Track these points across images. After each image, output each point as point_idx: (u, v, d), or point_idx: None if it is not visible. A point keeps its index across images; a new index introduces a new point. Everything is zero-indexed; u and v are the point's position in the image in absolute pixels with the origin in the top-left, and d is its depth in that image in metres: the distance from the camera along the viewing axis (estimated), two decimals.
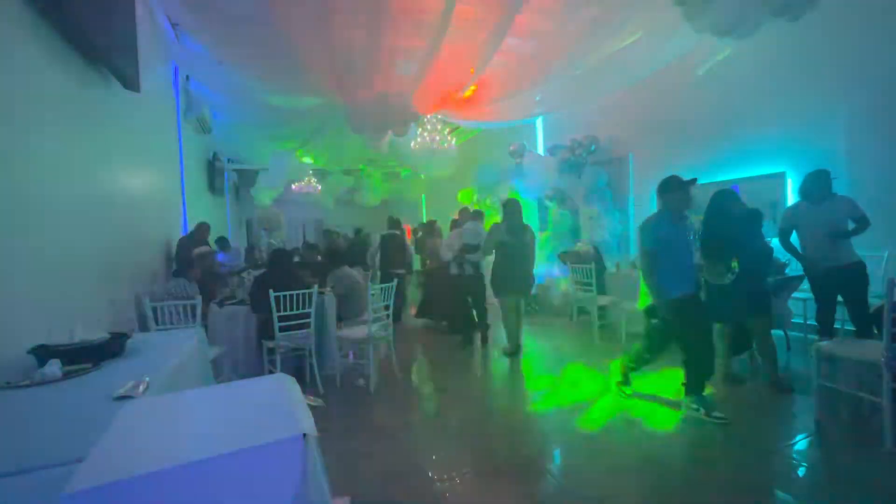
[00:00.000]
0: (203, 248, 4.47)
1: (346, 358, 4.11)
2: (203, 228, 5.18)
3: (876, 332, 2.95)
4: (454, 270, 5.10)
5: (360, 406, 3.37)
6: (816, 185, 3.39)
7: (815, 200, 3.39)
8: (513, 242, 4.46)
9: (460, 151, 8.18)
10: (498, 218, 5.12)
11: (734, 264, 3.18)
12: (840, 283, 3.33)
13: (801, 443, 2.50)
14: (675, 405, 3.02)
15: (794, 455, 2.39)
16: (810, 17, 4.40)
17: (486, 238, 4.72)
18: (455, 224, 6.04)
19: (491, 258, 4.72)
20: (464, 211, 6.04)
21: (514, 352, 4.56)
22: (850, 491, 2.07)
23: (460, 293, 5.19)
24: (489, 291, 4.84)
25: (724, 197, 3.39)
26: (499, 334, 5.31)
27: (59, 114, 2.45)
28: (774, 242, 3.66)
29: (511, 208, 4.50)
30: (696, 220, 3.75)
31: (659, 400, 3.19)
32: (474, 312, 5.20)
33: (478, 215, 5.48)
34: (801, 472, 2.27)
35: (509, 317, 4.58)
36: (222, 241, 6.75)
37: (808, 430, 2.62)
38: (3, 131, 1.91)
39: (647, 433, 2.83)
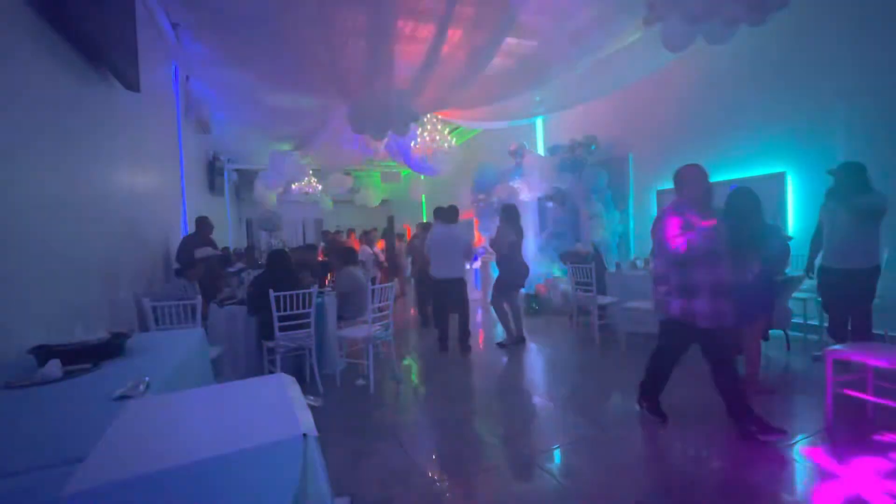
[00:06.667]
0: (205, 250, 4.46)
1: (346, 358, 4.11)
2: (203, 224, 5.03)
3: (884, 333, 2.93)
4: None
5: (360, 406, 3.38)
6: (840, 180, 3.30)
7: (843, 196, 3.32)
8: (518, 242, 4.88)
9: (460, 151, 8.18)
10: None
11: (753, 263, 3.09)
12: (845, 287, 3.28)
13: (800, 443, 2.50)
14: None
15: (795, 455, 2.39)
16: (810, 17, 4.41)
17: (499, 238, 4.94)
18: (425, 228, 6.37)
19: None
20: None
21: (516, 343, 4.87)
22: (853, 491, 2.07)
23: (441, 297, 4.98)
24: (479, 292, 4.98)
25: (744, 195, 3.31)
26: (496, 333, 5.31)
27: (59, 114, 2.45)
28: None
29: (514, 212, 5.00)
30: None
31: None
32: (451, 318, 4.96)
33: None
34: (802, 473, 2.26)
35: (512, 311, 4.94)
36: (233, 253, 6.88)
37: (807, 430, 2.62)
38: (3, 131, 1.91)
39: (648, 433, 2.83)
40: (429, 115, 7.17)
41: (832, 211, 3.41)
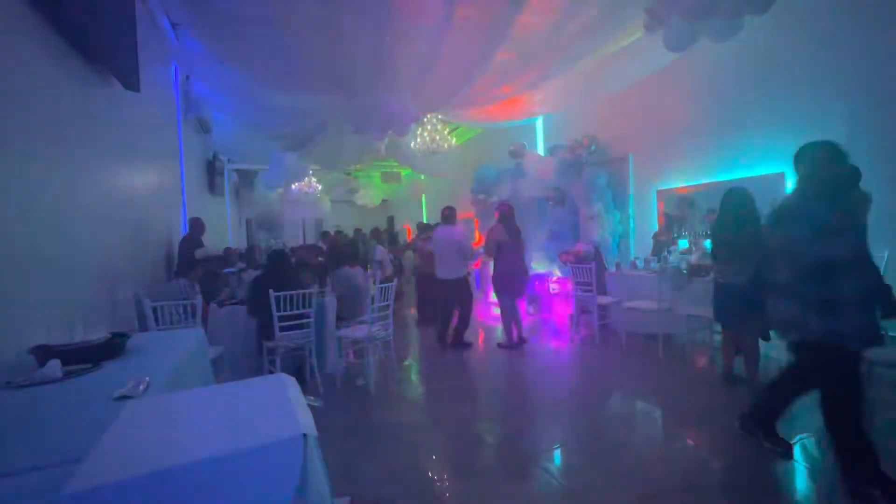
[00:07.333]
0: (205, 251, 4.46)
1: (346, 358, 4.10)
2: (196, 225, 5.06)
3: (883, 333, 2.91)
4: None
5: (360, 406, 3.37)
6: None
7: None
8: (511, 243, 4.77)
9: (460, 151, 8.19)
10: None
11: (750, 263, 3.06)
12: None
13: (800, 443, 2.50)
14: None
15: (797, 455, 2.39)
16: (809, 17, 4.40)
17: (487, 237, 4.93)
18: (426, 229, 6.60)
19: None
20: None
21: (516, 344, 4.79)
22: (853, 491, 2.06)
23: (444, 297, 5.10)
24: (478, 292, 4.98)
25: (739, 196, 3.32)
26: (497, 333, 5.31)
27: (59, 114, 2.45)
28: None
29: (508, 211, 4.91)
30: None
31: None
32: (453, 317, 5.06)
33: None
34: (804, 473, 2.26)
35: (510, 313, 4.83)
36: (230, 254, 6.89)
37: (807, 430, 2.62)
38: (3, 131, 1.91)
39: (647, 433, 2.83)
40: (429, 115, 7.17)
41: None
